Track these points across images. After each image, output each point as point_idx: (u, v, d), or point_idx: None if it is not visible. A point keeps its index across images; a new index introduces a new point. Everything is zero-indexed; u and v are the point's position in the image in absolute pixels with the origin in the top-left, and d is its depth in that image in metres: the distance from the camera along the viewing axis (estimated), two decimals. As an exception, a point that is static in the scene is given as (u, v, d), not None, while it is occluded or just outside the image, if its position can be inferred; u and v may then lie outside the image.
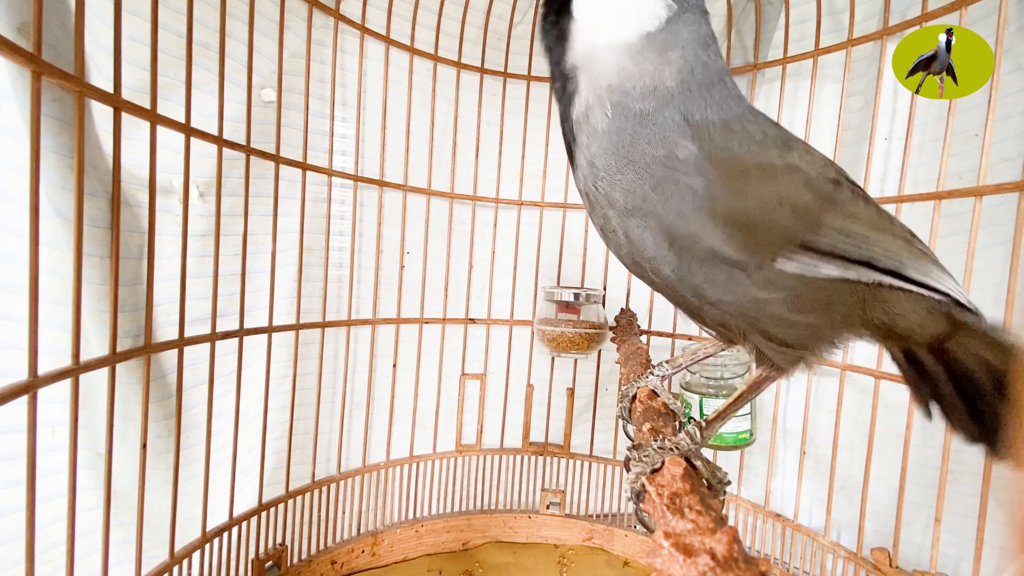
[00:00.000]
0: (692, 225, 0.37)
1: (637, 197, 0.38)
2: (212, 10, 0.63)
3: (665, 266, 0.40)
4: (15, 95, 0.49)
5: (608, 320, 0.94)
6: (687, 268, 0.39)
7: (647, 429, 0.45)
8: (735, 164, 0.37)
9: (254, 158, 0.69)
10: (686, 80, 0.40)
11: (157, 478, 0.63)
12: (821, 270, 0.38)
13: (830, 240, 0.38)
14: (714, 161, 0.37)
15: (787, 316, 0.39)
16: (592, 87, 0.41)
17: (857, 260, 0.38)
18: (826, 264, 0.38)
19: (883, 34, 0.75)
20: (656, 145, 0.38)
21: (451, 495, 0.99)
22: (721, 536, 0.26)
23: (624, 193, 0.39)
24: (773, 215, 0.37)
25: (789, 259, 0.38)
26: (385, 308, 0.91)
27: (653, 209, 0.38)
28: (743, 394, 0.45)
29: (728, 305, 0.39)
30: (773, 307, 0.39)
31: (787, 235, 0.37)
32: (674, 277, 0.40)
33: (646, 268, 0.42)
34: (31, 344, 0.40)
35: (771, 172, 0.38)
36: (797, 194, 0.38)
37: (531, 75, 1.00)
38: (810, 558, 0.83)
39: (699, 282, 0.39)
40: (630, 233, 0.40)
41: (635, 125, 0.39)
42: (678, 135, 0.38)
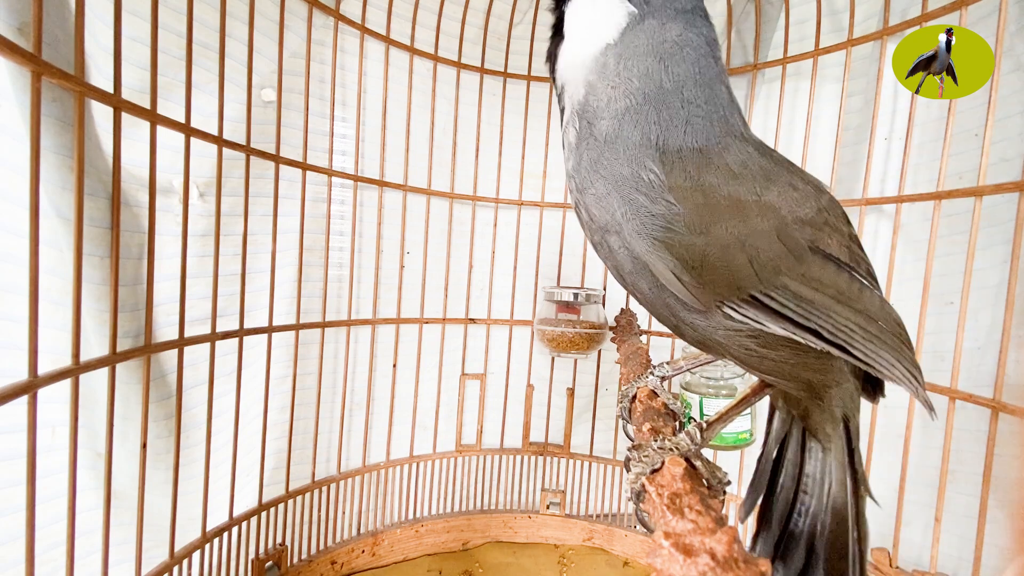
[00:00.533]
0: (649, 253, 0.36)
1: (607, 213, 0.38)
2: (212, 10, 0.63)
3: (642, 282, 0.39)
4: (15, 95, 0.49)
5: (608, 320, 0.94)
6: (661, 289, 0.37)
7: (647, 429, 0.45)
8: (703, 198, 0.35)
9: (254, 158, 0.69)
10: (651, 95, 0.37)
11: (157, 478, 0.63)
12: (768, 326, 0.36)
13: (780, 300, 0.35)
14: (678, 191, 0.35)
15: (757, 350, 0.37)
16: (570, 104, 0.42)
17: (805, 327, 0.36)
18: (773, 323, 0.36)
19: (883, 34, 0.75)
20: (622, 163, 0.37)
21: (451, 495, 0.99)
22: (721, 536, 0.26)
23: (599, 208, 0.39)
24: (731, 260, 0.35)
25: (735, 309, 0.36)
26: (385, 308, 0.91)
27: (621, 228, 0.37)
28: (745, 398, 0.45)
29: (702, 329, 0.38)
30: (741, 339, 0.37)
31: (737, 284, 0.35)
32: (651, 295, 0.39)
33: (627, 281, 0.41)
34: (31, 344, 0.40)
35: (740, 212, 0.35)
36: (762, 243, 0.35)
37: (531, 75, 1.00)
38: (810, 558, 0.82)
39: (672, 303, 0.38)
40: (612, 247, 0.39)
41: (600, 144, 0.38)
42: (644, 156, 0.36)
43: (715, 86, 0.39)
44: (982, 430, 0.63)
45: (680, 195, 0.35)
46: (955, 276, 0.67)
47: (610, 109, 0.38)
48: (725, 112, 0.39)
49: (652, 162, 0.36)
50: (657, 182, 0.35)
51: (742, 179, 0.36)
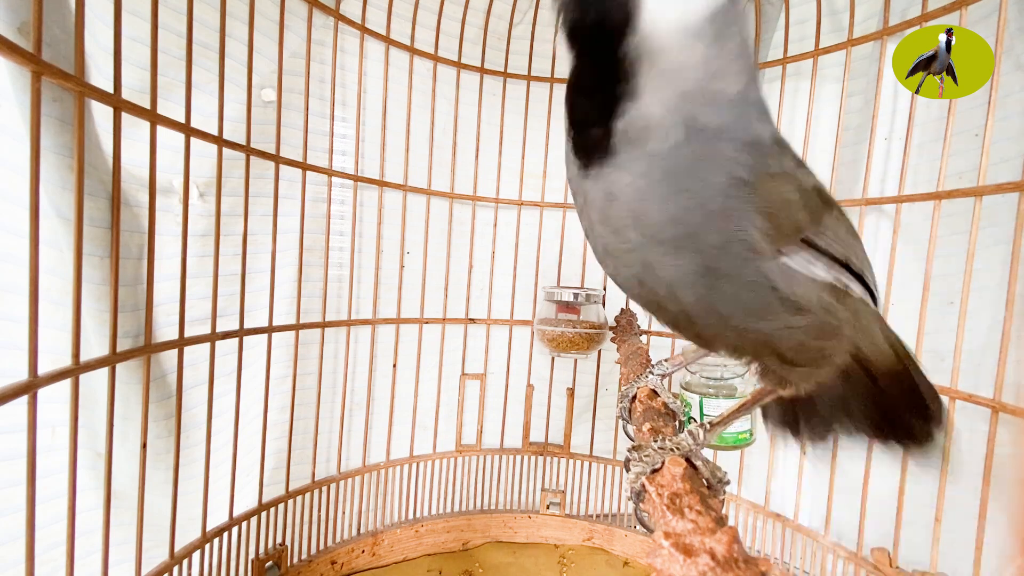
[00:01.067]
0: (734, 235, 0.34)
1: (681, 226, 0.33)
2: (212, 10, 0.63)
3: (689, 294, 0.36)
4: (15, 95, 0.49)
5: (608, 320, 0.94)
6: (718, 296, 0.36)
7: (647, 429, 0.45)
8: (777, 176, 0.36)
9: (254, 158, 0.69)
10: (748, 83, 0.34)
11: (157, 478, 0.63)
12: (813, 268, 0.38)
13: (825, 238, 0.39)
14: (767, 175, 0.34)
15: (807, 342, 0.39)
16: (660, 93, 0.32)
17: (839, 260, 0.40)
18: (817, 263, 0.39)
19: (883, 34, 0.75)
20: (719, 170, 0.33)
21: (451, 495, 0.99)
22: (721, 536, 0.26)
23: (665, 224, 0.34)
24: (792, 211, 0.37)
25: (792, 254, 0.37)
26: (385, 308, 0.91)
27: (695, 236, 0.34)
28: (746, 403, 0.45)
29: (753, 332, 0.38)
30: (799, 334, 0.38)
31: (797, 228, 0.38)
32: (697, 305, 0.37)
33: (660, 295, 0.38)
34: (31, 344, 0.40)
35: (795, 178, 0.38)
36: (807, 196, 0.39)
37: (531, 75, 1.00)
38: (810, 558, 0.83)
39: (729, 310, 0.36)
40: (651, 259, 0.36)
41: (705, 149, 0.32)
42: (742, 155, 0.33)
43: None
44: (982, 430, 0.63)
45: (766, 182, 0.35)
46: (955, 276, 0.67)
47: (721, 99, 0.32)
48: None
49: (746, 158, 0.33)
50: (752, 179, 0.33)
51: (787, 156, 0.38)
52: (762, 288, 0.36)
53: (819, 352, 0.40)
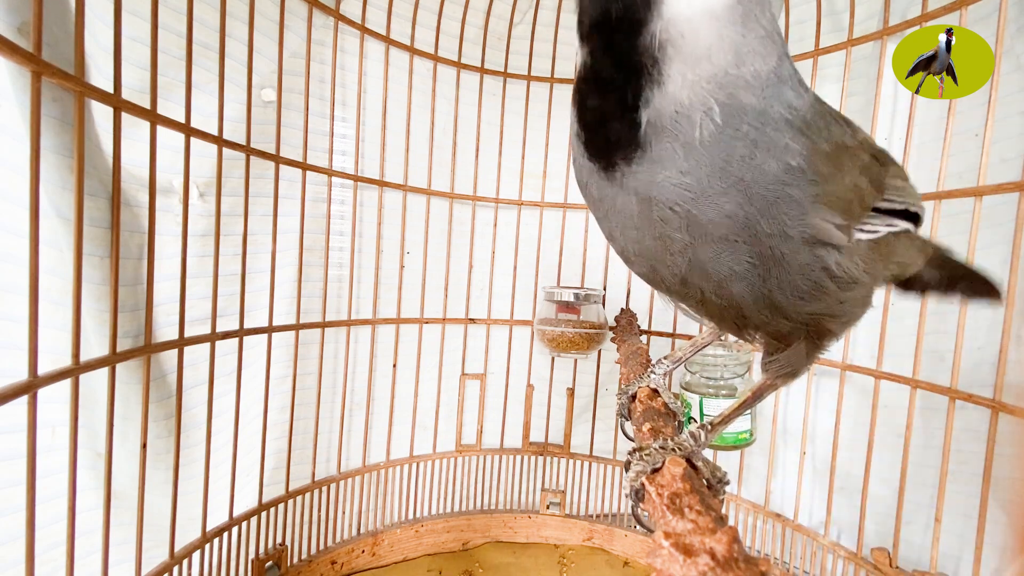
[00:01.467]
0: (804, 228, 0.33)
1: (737, 223, 0.32)
2: (212, 10, 0.63)
3: (741, 286, 0.35)
4: (15, 95, 0.49)
5: (608, 320, 0.94)
6: (773, 284, 0.35)
7: (647, 429, 0.45)
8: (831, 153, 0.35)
9: (254, 158, 0.69)
10: (783, 54, 0.32)
11: (157, 478, 0.63)
12: (880, 229, 0.39)
13: (893, 197, 0.41)
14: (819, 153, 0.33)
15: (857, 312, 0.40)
16: (687, 77, 0.30)
17: (900, 211, 0.41)
18: (884, 222, 0.40)
19: (883, 34, 0.75)
20: (772, 157, 0.31)
21: (451, 495, 0.99)
22: (721, 536, 0.26)
23: (720, 220, 0.32)
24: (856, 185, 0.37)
25: (862, 227, 0.38)
26: (385, 308, 0.91)
27: (754, 231, 0.32)
28: (747, 400, 0.45)
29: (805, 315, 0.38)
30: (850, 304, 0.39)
31: (866, 203, 0.38)
32: (750, 298, 0.35)
33: (706, 290, 0.36)
34: (31, 344, 0.40)
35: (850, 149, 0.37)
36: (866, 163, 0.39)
37: (531, 75, 1.00)
38: (810, 558, 0.83)
39: (782, 297, 0.35)
40: (700, 258, 0.34)
41: (753, 132, 0.31)
42: (787, 137, 0.32)
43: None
44: (982, 430, 0.63)
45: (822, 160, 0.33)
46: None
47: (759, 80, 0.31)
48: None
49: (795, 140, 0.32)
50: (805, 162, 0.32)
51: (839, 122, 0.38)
52: (816, 271, 0.36)
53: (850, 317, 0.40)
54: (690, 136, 0.31)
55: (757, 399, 0.46)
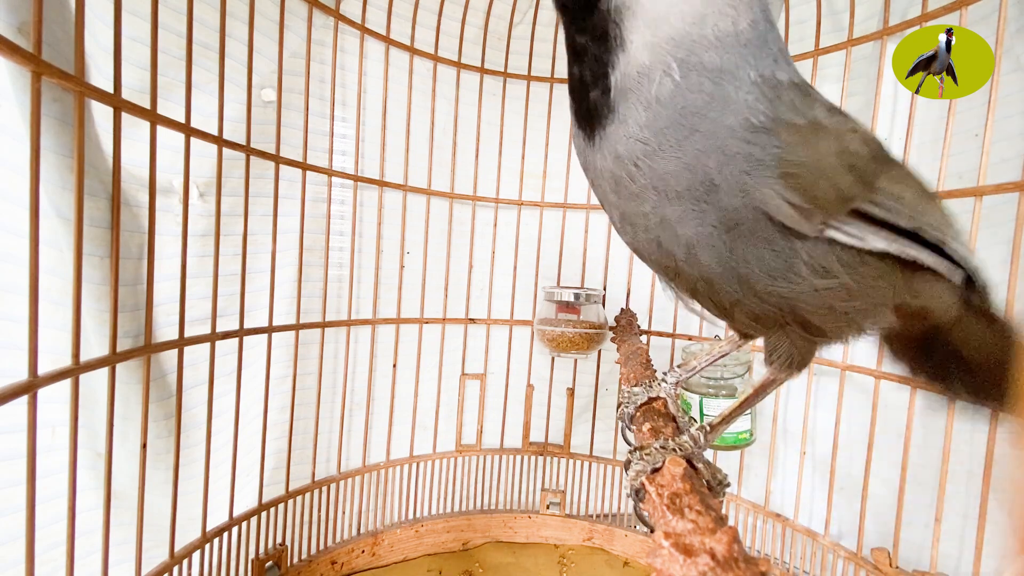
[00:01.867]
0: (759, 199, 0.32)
1: (696, 177, 0.32)
2: (212, 10, 0.63)
3: (709, 254, 0.35)
4: (15, 95, 0.49)
5: (608, 320, 0.94)
6: (739, 256, 0.34)
7: (647, 429, 0.45)
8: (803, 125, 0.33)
9: (254, 158, 0.69)
10: (756, 21, 0.33)
11: (157, 478, 0.63)
12: (868, 241, 0.34)
13: (883, 207, 0.35)
14: (788, 123, 0.32)
15: (836, 305, 0.36)
16: (647, 38, 0.33)
17: (906, 230, 0.35)
18: (874, 235, 0.35)
19: (883, 34, 0.75)
20: (729, 111, 0.32)
21: (451, 495, 0.99)
22: (721, 536, 0.26)
23: (679, 173, 0.33)
24: (829, 170, 0.33)
25: (839, 228, 0.34)
26: (385, 308, 0.91)
27: (714, 187, 0.32)
28: (749, 398, 0.44)
29: (778, 298, 0.35)
30: (826, 297, 0.35)
31: (841, 196, 0.34)
32: (718, 268, 0.35)
33: (679, 257, 0.36)
34: (31, 344, 0.40)
35: (831, 131, 0.34)
36: (854, 153, 0.35)
37: (531, 75, 1.00)
38: (810, 558, 0.83)
39: (749, 272, 0.35)
40: (668, 218, 0.35)
41: (710, 87, 0.32)
42: (752, 97, 0.32)
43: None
44: (982, 430, 0.63)
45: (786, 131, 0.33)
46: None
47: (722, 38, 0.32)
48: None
49: (760, 101, 0.32)
50: (767, 123, 0.32)
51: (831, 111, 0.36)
52: (788, 252, 0.34)
53: (847, 319, 0.37)
54: (650, 94, 0.33)
55: (760, 396, 0.44)
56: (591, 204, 1.01)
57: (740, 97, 0.32)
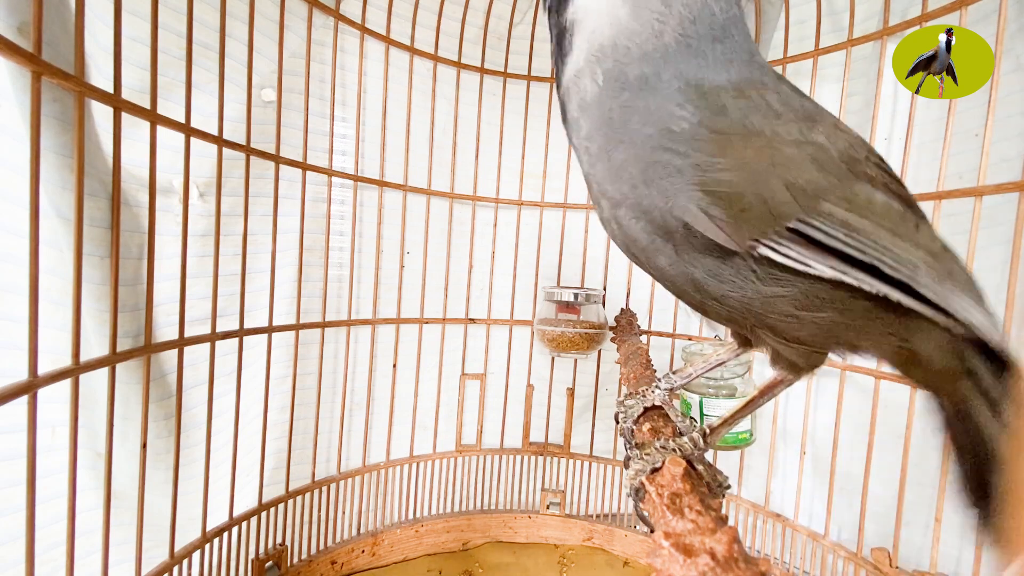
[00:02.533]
0: (680, 209, 0.31)
1: (626, 184, 0.34)
2: (212, 10, 0.63)
3: (661, 259, 0.35)
4: (15, 95, 0.49)
5: (608, 320, 0.94)
6: (686, 261, 0.34)
7: (647, 429, 0.45)
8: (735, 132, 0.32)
9: (254, 158, 0.69)
10: (687, 34, 0.34)
11: (157, 478, 0.63)
12: (813, 266, 0.32)
13: (826, 230, 0.31)
14: (712, 130, 0.32)
15: (797, 314, 0.34)
16: (584, 46, 0.36)
17: (860, 263, 0.32)
18: (820, 260, 0.31)
19: (883, 34, 0.75)
20: (650, 121, 0.32)
21: (451, 495, 0.99)
22: (721, 536, 0.26)
23: (613, 179, 0.34)
24: (764, 185, 0.31)
25: (774, 247, 0.32)
26: (385, 308, 0.91)
27: (641, 197, 0.33)
28: (754, 399, 0.43)
29: (733, 301, 0.34)
30: (781, 305, 0.33)
31: (774, 211, 0.31)
32: (672, 271, 0.35)
33: (641, 260, 0.38)
34: (31, 344, 0.40)
35: (767, 139, 0.32)
36: (796, 165, 0.32)
37: (531, 75, 1.00)
38: (810, 558, 0.83)
39: (699, 276, 0.34)
40: (621, 223, 0.36)
41: (630, 95, 0.34)
42: (674, 104, 0.32)
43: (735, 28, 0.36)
44: (982, 430, 0.63)
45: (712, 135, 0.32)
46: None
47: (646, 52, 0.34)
48: (751, 49, 0.36)
49: (684, 108, 0.32)
50: (689, 129, 0.32)
51: (783, 119, 0.33)
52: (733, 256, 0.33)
53: (823, 330, 0.34)
54: (583, 95, 0.36)
55: (766, 397, 0.43)
56: (591, 204, 1.01)
57: (662, 106, 0.33)
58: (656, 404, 0.49)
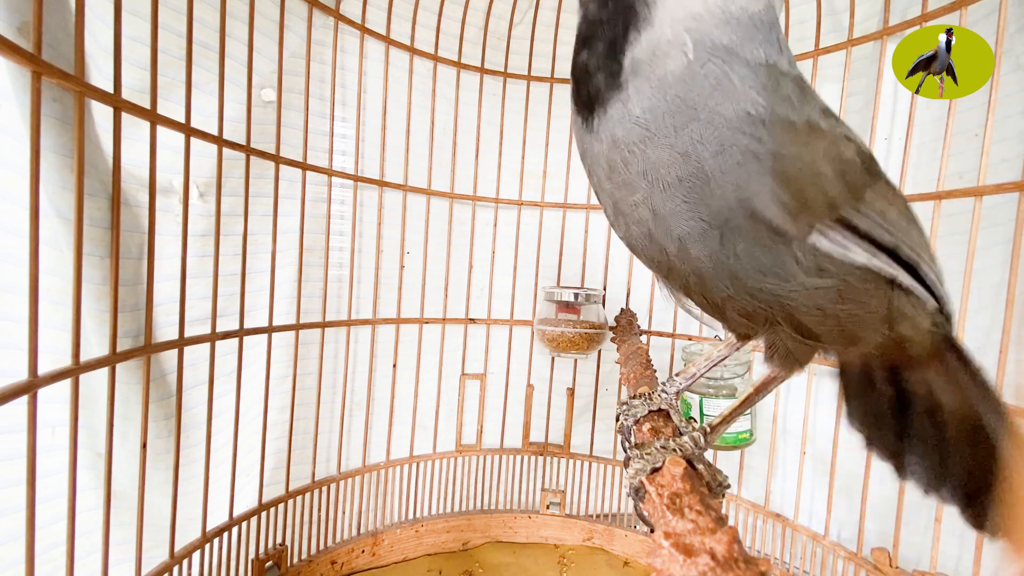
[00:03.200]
0: (752, 193, 0.32)
1: (691, 164, 0.32)
2: (212, 10, 0.63)
3: (700, 248, 0.34)
4: (15, 95, 0.49)
5: (608, 320, 0.94)
6: (730, 251, 0.34)
7: (647, 429, 0.45)
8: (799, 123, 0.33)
9: (254, 158, 0.69)
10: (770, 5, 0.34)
11: (157, 478, 0.63)
12: (850, 253, 0.35)
13: (868, 218, 0.35)
14: (783, 119, 0.32)
15: (827, 307, 0.35)
16: (675, 15, 0.33)
17: (885, 246, 0.35)
18: (857, 246, 0.35)
19: (883, 34, 0.75)
20: (731, 99, 0.32)
21: (451, 495, 0.99)
22: (721, 536, 0.26)
23: (672, 162, 0.33)
24: (821, 174, 0.33)
25: (824, 234, 0.34)
26: (385, 308, 0.91)
27: (706, 179, 0.32)
28: (749, 396, 0.44)
29: (767, 294, 0.35)
30: (818, 297, 0.35)
31: (829, 201, 0.34)
32: (708, 262, 0.35)
33: (670, 251, 0.36)
34: (31, 344, 0.40)
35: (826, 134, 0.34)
36: (846, 160, 0.35)
37: (531, 75, 1.00)
38: (810, 558, 0.83)
39: (739, 268, 0.34)
40: (659, 209, 0.34)
41: (716, 70, 0.32)
42: (751, 87, 0.32)
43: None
44: (982, 430, 0.63)
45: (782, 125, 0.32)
46: (955, 276, 0.67)
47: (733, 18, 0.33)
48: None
49: (760, 92, 0.32)
50: (765, 116, 0.32)
51: (828, 116, 0.35)
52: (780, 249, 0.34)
53: (839, 324, 0.36)
54: (663, 72, 0.33)
55: (761, 394, 0.43)
56: (591, 204, 1.01)
57: (742, 85, 0.32)
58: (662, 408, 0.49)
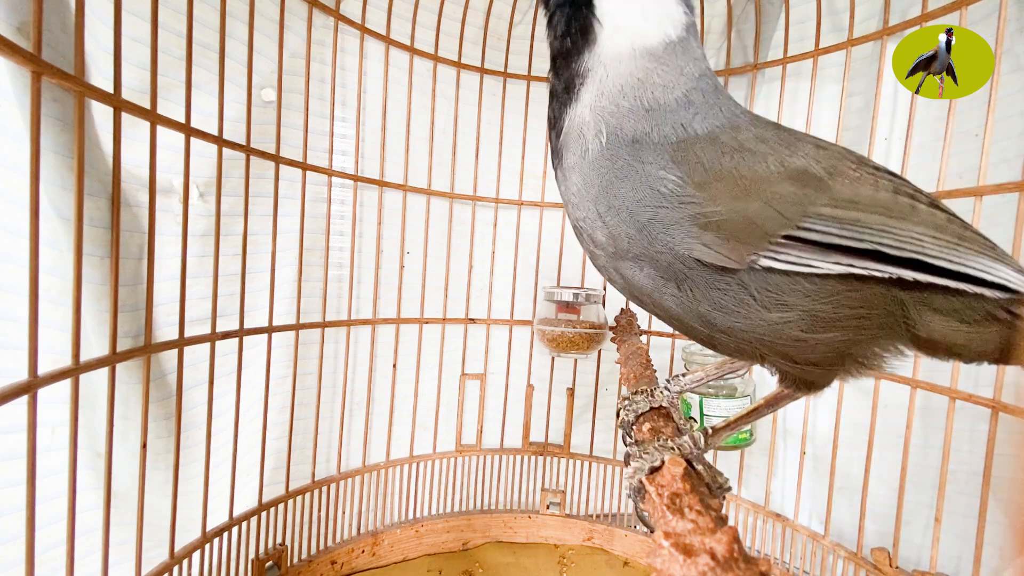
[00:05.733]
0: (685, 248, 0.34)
1: (623, 240, 0.36)
2: (212, 10, 0.63)
3: (668, 300, 0.37)
4: (15, 95, 0.49)
5: (608, 320, 0.94)
6: (691, 297, 0.36)
7: (647, 429, 0.45)
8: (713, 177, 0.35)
9: (254, 158, 0.69)
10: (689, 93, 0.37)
11: (157, 478, 0.63)
12: (819, 265, 0.33)
13: (820, 228, 0.33)
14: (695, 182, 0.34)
15: (805, 337, 0.35)
16: (593, 98, 0.37)
17: (864, 251, 0.33)
18: (823, 258, 0.33)
19: (883, 34, 0.75)
20: (640, 186, 0.35)
21: (451, 495, 0.99)
22: (721, 536, 0.26)
23: (608, 237, 0.36)
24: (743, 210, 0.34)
25: (775, 257, 0.34)
26: (385, 308, 0.91)
27: (643, 249, 0.35)
28: (758, 408, 0.44)
29: (741, 332, 0.36)
30: (788, 329, 0.35)
31: (764, 229, 0.34)
32: (678, 310, 0.37)
33: (646, 302, 0.39)
34: (31, 344, 0.40)
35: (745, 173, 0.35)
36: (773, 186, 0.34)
37: (531, 75, 1.00)
38: (810, 558, 0.83)
39: (706, 310, 0.36)
40: (623, 273, 0.38)
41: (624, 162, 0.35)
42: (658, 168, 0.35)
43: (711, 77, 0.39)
44: (982, 430, 0.63)
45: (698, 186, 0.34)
46: None
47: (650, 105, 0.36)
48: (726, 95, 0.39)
49: (669, 169, 0.34)
50: (676, 187, 0.34)
51: (757, 153, 0.36)
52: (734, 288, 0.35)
53: (826, 347, 0.35)
54: (583, 151, 0.37)
55: (771, 407, 0.43)
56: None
57: (649, 170, 0.35)
58: (663, 405, 0.49)
